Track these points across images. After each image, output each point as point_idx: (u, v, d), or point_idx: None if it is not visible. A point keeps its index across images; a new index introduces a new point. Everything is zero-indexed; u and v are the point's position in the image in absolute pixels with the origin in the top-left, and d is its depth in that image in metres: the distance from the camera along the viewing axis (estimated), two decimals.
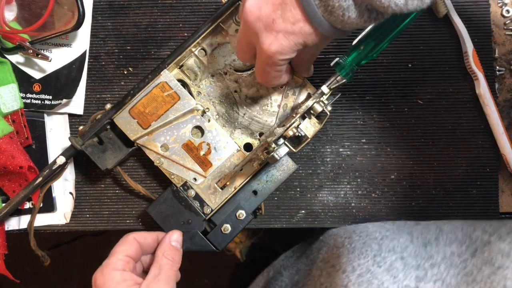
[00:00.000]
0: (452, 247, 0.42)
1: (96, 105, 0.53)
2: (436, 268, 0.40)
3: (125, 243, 0.43)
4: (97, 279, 0.40)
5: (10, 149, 0.49)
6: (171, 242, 0.45)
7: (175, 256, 0.44)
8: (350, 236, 0.48)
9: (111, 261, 0.41)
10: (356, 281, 0.41)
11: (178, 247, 0.45)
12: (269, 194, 0.49)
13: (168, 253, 0.44)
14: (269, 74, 0.41)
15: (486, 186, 0.52)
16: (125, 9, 0.53)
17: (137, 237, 0.44)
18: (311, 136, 0.44)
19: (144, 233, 0.45)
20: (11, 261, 0.52)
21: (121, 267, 0.41)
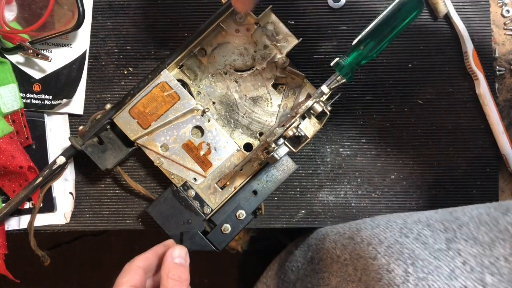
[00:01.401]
0: (479, 210, 0.41)
1: (96, 105, 0.53)
2: (465, 228, 0.39)
3: (129, 273, 0.41)
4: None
5: (10, 149, 0.49)
6: (174, 260, 0.42)
7: (182, 274, 0.41)
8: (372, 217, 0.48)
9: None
10: (386, 253, 0.40)
11: (183, 262, 0.42)
12: (269, 194, 0.49)
13: (173, 273, 0.40)
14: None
15: (486, 186, 0.52)
16: (125, 9, 0.53)
17: (140, 263, 0.42)
18: (311, 136, 0.44)
19: (145, 255, 0.43)
20: (11, 261, 0.52)
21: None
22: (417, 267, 0.36)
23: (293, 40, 0.48)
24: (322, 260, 0.49)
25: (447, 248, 0.37)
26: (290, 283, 0.54)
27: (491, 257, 0.33)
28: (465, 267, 0.33)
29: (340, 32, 0.52)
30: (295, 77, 0.49)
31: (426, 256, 0.37)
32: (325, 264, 0.47)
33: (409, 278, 0.35)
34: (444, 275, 0.34)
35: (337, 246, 0.46)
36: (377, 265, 0.39)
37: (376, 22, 0.43)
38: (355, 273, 0.41)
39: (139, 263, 0.42)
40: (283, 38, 0.48)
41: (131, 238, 1.20)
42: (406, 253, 0.38)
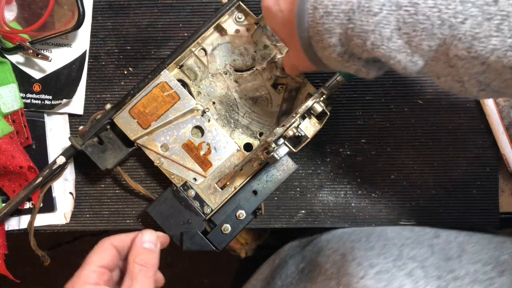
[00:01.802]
0: (477, 266, 0.41)
1: (96, 105, 0.53)
2: (459, 281, 0.39)
3: (100, 251, 0.39)
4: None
5: (10, 149, 0.49)
6: (142, 244, 0.40)
7: (149, 260, 0.39)
8: (368, 236, 0.48)
9: (84, 273, 0.38)
10: (375, 277, 0.40)
11: (153, 247, 0.40)
12: (269, 194, 0.49)
13: (141, 257, 0.39)
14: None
15: (486, 186, 0.52)
16: (125, 9, 0.53)
17: (114, 241, 0.40)
18: (311, 136, 0.44)
19: (121, 236, 0.41)
20: (11, 261, 0.52)
21: (94, 280, 0.37)
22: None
23: None
24: (311, 271, 0.49)
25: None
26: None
27: None
28: None
29: None
30: (295, 77, 0.49)
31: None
32: (312, 276, 0.48)
33: None
34: None
35: (328, 261, 0.46)
36: (363, 285, 0.39)
37: None
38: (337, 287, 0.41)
39: (113, 241, 0.40)
40: None
41: None
42: (396, 285, 0.38)
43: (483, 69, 0.30)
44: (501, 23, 0.28)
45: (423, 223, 0.52)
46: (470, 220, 0.52)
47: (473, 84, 0.31)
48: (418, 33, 0.30)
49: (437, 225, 0.52)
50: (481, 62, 0.29)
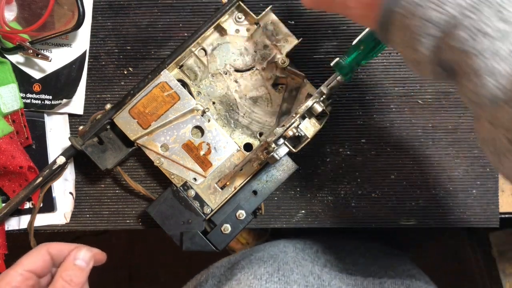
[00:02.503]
0: None
1: (96, 105, 0.53)
2: None
3: (33, 256, 0.38)
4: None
5: (10, 149, 0.49)
6: (74, 261, 0.39)
7: (76, 278, 0.38)
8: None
9: (10, 273, 0.37)
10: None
11: (83, 265, 0.39)
12: (269, 194, 0.49)
13: (68, 273, 0.38)
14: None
15: (486, 186, 0.52)
16: (125, 9, 0.53)
17: (51, 248, 0.39)
18: (311, 136, 0.44)
19: (61, 245, 0.40)
20: (11, 261, 0.52)
21: (17, 283, 0.36)
22: None
23: (293, 40, 0.48)
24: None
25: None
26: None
27: None
28: None
29: (340, 32, 0.52)
30: (295, 77, 0.49)
31: None
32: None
33: None
34: None
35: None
36: None
37: None
38: None
39: (50, 248, 0.39)
40: (283, 38, 0.48)
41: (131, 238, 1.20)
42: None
43: None
44: None
45: (423, 223, 0.52)
46: (470, 220, 0.52)
47: None
48: None
49: (437, 225, 0.52)
50: None
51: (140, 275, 1.14)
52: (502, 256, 0.86)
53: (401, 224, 0.52)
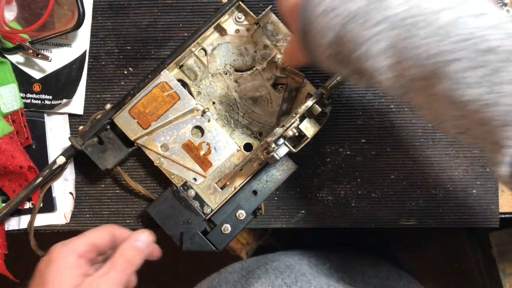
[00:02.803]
0: None
1: (96, 105, 0.53)
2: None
3: (100, 231, 0.40)
4: (53, 252, 0.38)
5: (10, 149, 0.49)
6: (135, 242, 0.40)
7: (135, 258, 0.39)
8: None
9: (76, 242, 0.39)
10: None
11: (142, 247, 0.41)
12: (269, 194, 0.49)
13: (128, 252, 0.39)
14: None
15: (486, 186, 0.52)
16: (125, 9, 0.53)
17: (114, 231, 0.41)
18: (311, 136, 0.44)
19: (123, 229, 0.42)
20: (11, 261, 0.52)
21: (80, 252, 0.38)
22: None
23: None
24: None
25: None
26: None
27: None
28: None
29: None
30: (295, 77, 0.49)
31: None
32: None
33: None
34: None
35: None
36: None
37: None
38: None
39: (114, 230, 0.41)
40: (283, 38, 0.48)
41: None
42: None
43: (459, 115, 0.29)
44: (488, 75, 0.27)
45: (423, 223, 0.52)
46: (470, 220, 0.52)
47: (450, 126, 0.30)
48: (405, 59, 0.29)
49: (437, 225, 0.52)
50: (458, 108, 0.28)
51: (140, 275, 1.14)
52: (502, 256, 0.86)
53: (401, 224, 0.52)
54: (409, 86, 0.31)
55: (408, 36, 0.29)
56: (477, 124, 0.28)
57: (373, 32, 0.30)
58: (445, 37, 0.28)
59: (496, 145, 0.27)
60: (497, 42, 0.26)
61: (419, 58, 0.29)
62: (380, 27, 0.29)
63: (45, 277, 0.37)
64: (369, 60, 0.31)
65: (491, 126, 0.27)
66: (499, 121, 0.26)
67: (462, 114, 0.29)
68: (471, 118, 0.28)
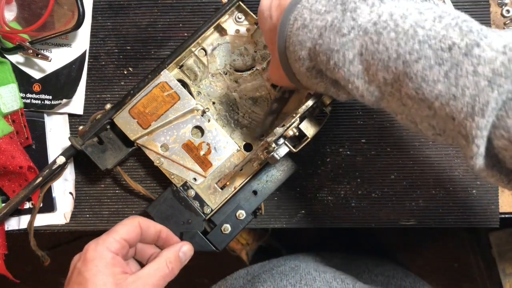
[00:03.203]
0: None
1: (96, 105, 0.53)
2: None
3: (129, 225, 0.41)
4: (88, 252, 0.38)
5: (10, 149, 0.49)
6: (180, 252, 0.43)
7: (176, 269, 0.42)
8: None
9: (109, 239, 0.39)
10: None
11: (183, 260, 0.43)
12: (269, 194, 0.49)
13: (172, 261, 0.41)
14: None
15: (486, 186, 0.52)
16: (125, 9, 0.53)
17: (142, 223, 0.42)
18: (311, 136, 0.44)
19: (149, 221, 0.43)
20: (11, 261, 0.52)
21: (115, 249, 0.39)
22: None
23: None
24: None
25: None
26: None
27: None
28: None
29: None
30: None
31: None
32: None
33: None
34: None
35: None
36: None
37: None
38: None
39: (142, 222, 0.42)
40: None
41: None
42: None
43: (432, 114, 0.30)
44: (450, 70, 0.28)
45: (423, 223, 0.52)
46: (470, 220, 0.52)
47: (426, 127, 0.32)
48: (375, 62, 0.31)
49: (437, 225, 0.52)
50: (428, 105, 0.30)
51: None
52: (502, 256, 0.86)
53: (401, 224, 0.52)
54: (382, 91, 0.32)
55: (376, 40, 0.31)
56: (447, 120, 0.29)
57: (346, 40, 0.32)
58: (409, 39, 0.30)
59: (468, 139, 0.29)
60: (456, 39, 0.28)
61: (386, 60, 0.30)
62: (352, 34, 0.32)
63: (84, 277, 0.37)
64: (344, 67, 0.32)
65: (460, 119, 0.28)
66: (465, 112, 0.28)
67: (433, 113, 0.30)
68: (441, 114, 0.29)
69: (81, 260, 0.38)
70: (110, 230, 0.41)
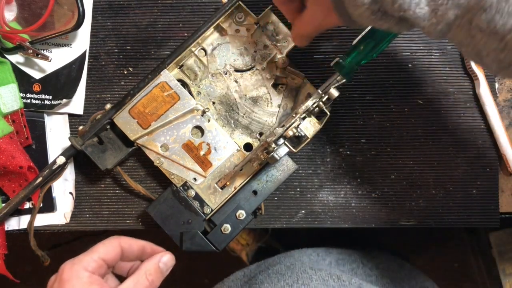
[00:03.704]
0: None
1: (96, 105, 0.53)
2: None
3: (108, 245, 0.41)
4: (64, 272, 0.38)
5: (10, 149, 0.49)
6: (159, 263, 0.42)
7: (156, 280, 0.41)
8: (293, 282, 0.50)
9: (86, 259, 0.39)
10: None
11: (164, 270, 0.42)
12: (269, 194, 0.49)
13: (152, 273, 0.41)
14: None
15: (486, 186, 0.52)
16: (125, 9, 0.53)
17: (123, 242, 0.41)
18: (311, 136, 0.44)
19: (131, 240, 0.42)
20: (11, 261, 0.52)
21: (91, 269, 0.38)
22: None
23: None
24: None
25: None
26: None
27: None
28: None
29: (340, 32, 0.52)
30: (295, 77, 0.49)
31: None
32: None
33: None
34: None
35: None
36: None
37: None
38: None
39: (122, 242, 0.41)
40: (283, 38, 0.48)
41: None
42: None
43: (502, 47, 0.30)
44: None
45: (423, 223, 0.52)
46: (470, 220, 0.52)
47: (491, 60, 0.31)
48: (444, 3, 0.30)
49: (437, 225, 0.52)
50: (499, 38, 0.29)
51: None
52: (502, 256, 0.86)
53: (401, 224, 0.52)
54: (450, 25, 0.31)
55: None
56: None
57: None
58: None
59: None
60: None
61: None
62: None
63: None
64: (410, 8, 0.31)
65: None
66: None
67: (502, 46, 0.29)
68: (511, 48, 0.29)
69: (57, 281, 0.38)
70: (90, 249, 0.40)
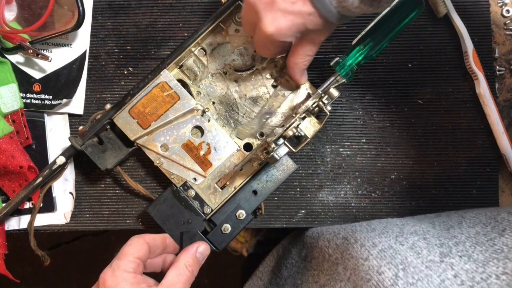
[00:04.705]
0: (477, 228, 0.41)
1: (96, 105, 0.53)
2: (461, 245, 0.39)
3: (136, 245, 0.42)
4: (108, 280, 0.39)
5: (10, 149, 0.49)
6: (196, 254, 0.44)
7: (195, 270, 0.43)
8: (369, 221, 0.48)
9: (123, 262, 0.40)
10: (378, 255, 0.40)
11: (201, 259, 0.44)
12: (269, 194, 0.49)
13: (191, 264, 0.43)
14: (267, 50, 0.42)
15: (486, 186, 0.52)
16: (125, 9, 0.53)
17: (147, 239, 0.43)
18: (311, 136, 0.44)
19: (152, 235, 0.44)
20: (11, 261, 0.52)
21: (132, 269, 0.40)
22: (407, 273, 0.36)
23: None
24: (314, 258, 0.49)
25: (440, 260, 0.37)
26: (282, 279, 0.55)
27: (483, 274, 0.33)
28: (456, 280, 0.34)
29: (340, 32, 0.52)
30: (290, 80, 0.49)
31: (418, 264, 0.37)
32: (317, 262, 0.48)
33: (398, 281, 0.35)
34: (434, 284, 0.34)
35: (330, 245, 0.46)
36: (368, 266, 0.39)
37: (375, 22, 0.43)
38: (345, 272, 0.42)
39: (146, 239, 0.43)
40: None
41: None
42: (399, 259, 0.38)
43: None
44: None
45: None
46: None
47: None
48: None
49: None
50: None
51: None
52: None
53: None
54: None
55: None
56: None
57: None
58: None
59: None
60: None
61: None
62: None
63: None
64: None
65: None
66: None
67: None
68: None
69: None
70: (119, 254, 0.42)
